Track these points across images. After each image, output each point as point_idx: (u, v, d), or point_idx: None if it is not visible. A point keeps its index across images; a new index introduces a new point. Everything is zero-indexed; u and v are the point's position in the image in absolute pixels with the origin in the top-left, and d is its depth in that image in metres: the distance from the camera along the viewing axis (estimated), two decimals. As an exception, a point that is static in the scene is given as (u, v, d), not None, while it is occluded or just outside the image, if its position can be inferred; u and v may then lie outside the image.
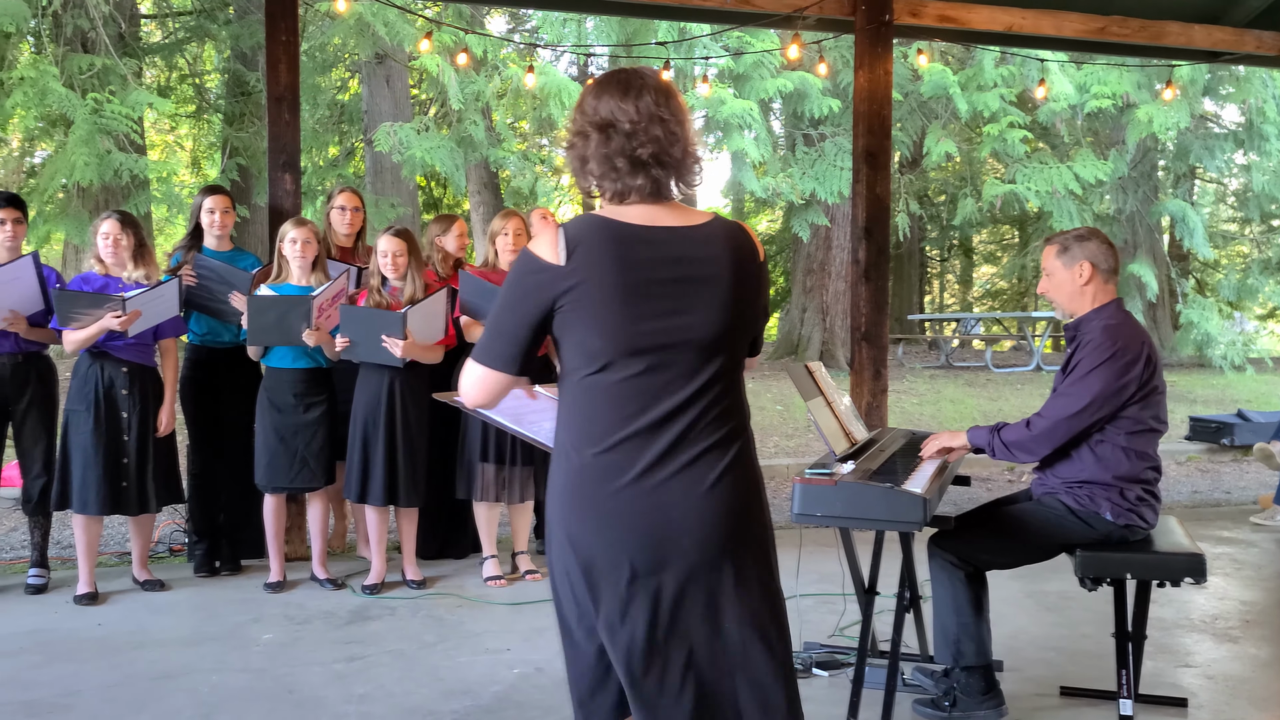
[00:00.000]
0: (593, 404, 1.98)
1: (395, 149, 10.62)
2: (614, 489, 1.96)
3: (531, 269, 1.97)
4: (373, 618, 4.51)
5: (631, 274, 1.95)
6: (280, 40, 5.55)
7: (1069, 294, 3.44)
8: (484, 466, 4.94)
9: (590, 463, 1.97)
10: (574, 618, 2.07)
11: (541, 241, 1.99)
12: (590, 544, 1.97)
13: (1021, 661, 3.94)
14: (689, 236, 2.02)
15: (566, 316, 1.96)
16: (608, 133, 2.00)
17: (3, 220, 4.73)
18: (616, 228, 1.98)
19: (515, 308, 2.00)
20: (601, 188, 2.03)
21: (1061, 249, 3.44)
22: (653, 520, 1.95)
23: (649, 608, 1.97)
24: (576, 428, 2.00)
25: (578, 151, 2.04)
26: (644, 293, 1.95)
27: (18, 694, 3.61)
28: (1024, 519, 3.40)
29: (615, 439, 1.96)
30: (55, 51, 9.34)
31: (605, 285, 1.94)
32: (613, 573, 1.97)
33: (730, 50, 11.50)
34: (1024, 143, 12.62)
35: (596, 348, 1.96)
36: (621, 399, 1.97)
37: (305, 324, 4.65)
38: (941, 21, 6.47)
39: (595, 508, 1.97)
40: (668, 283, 1.97)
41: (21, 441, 4.82)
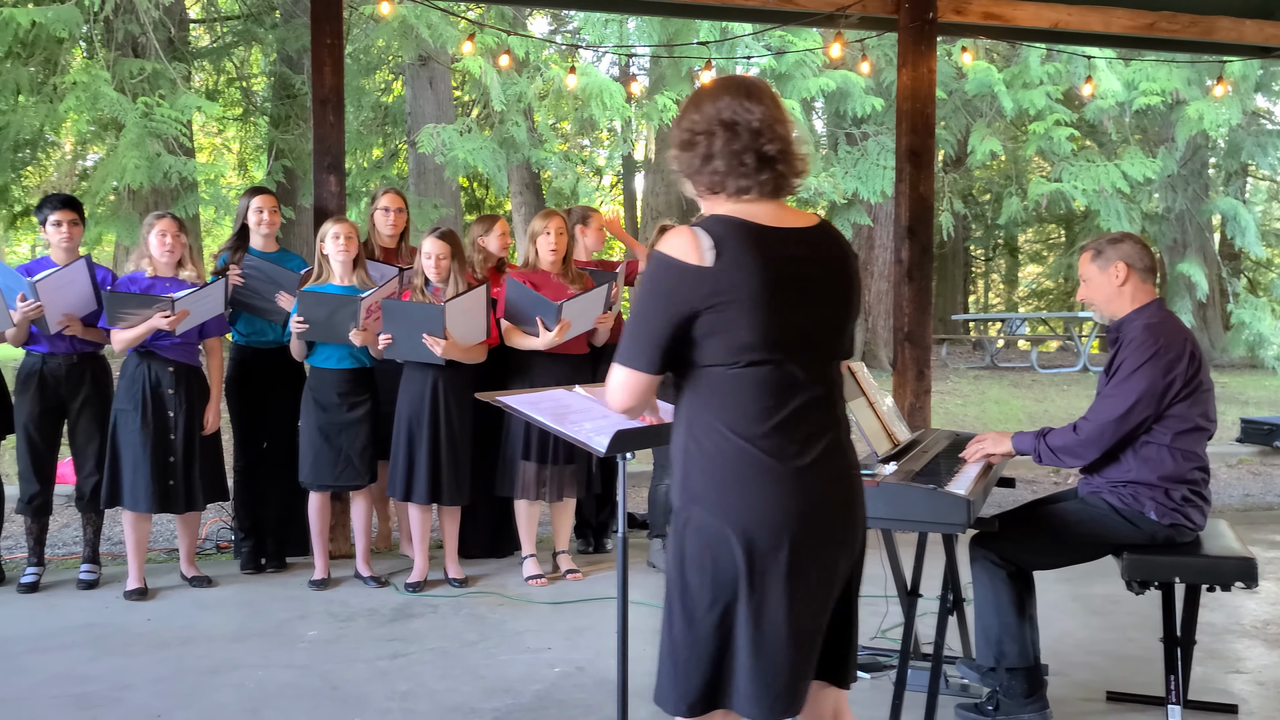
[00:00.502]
0: (742, 393, 2.05)
1: (438, 150, 10.69)
2: (777, 470, 2.04)
3: (676, 270, 2.02)
4: (415, 615, 4.54)
5: (772, 273, 2.03)
6: (325, 43, 5.61)
7: (1107, 296, 3.42)
8: (525, 465, 4.96)
9: (750, 446, 2.04)
10: (705, 594, 2.07)
11: (679, 244, 2.03)
12: (753, 521, 2.03)
13: (1067, 665, 3.90)
14: (807, 238, 2.12)
15: (714, 316, 2.02)
16: (734, 130, 2.07)
17: (59, 222, 4.83)
18: (751, 228, 2.05)
19: (660, 310, 2.04)
20: (724, 184, 2.09)
21: (1095, 253, 3.43)
22: (812, 501, 2.07)
23: (804, 583, 2.06)
24: (726, 414, 2.06)
25: (701, 150, 2.09)
26: (783, 291, 2.04)
27: (71, 687, 3.69)
28: (1067, 518, 3.36)
29: (770, 425, 2.05)
30: (107, 56, 9.51)
31: (752, 284, 2.01)
32: (774, 549, 2.03)
33: (772, 50, 11.46)
34: (1070, 141, 12.45)
35: (745, 343, 2.03)
36: (768, 389, 2.05)
37: (353, 324, 4.70)
38: (986, 19, 6.41)
39: (760, 487, 2.04)
40: (799, 281, 2.07)
41: (76, 440, 4.92)
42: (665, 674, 2.12)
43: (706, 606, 2.07)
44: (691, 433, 2.10)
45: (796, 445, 2.06)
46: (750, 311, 2.01)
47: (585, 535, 5.74)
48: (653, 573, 5.20)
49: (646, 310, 2.06)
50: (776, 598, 2.04)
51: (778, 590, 2.04)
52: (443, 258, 4.85)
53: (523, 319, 4.90)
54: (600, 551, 5.70)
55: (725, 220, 2.06)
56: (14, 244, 20.67)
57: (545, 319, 4.82)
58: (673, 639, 2.11)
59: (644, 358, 2.07)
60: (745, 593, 2.04)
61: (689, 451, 2.10)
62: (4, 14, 8.36)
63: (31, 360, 4.84)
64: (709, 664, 2.08)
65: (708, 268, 2.00)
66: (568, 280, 5.09)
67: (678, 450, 2.13)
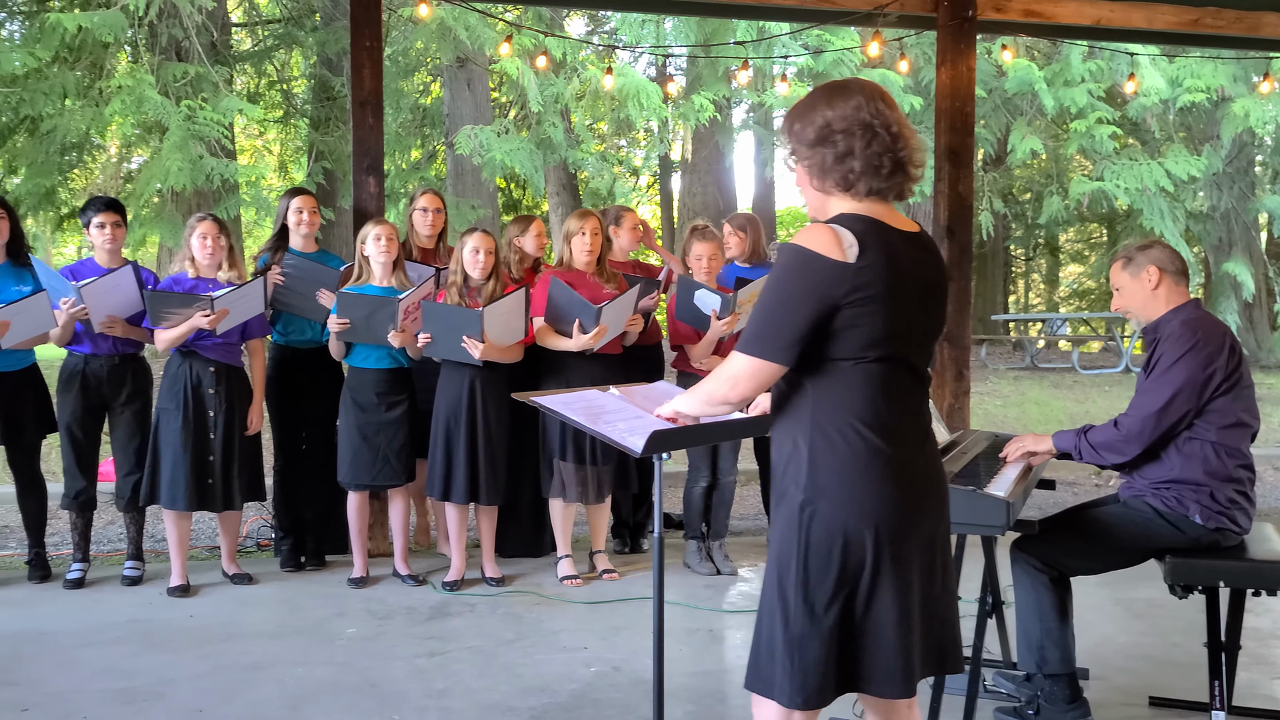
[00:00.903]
0: (870, 387, 2.12)
1: (476, 151, 10.74)
2: (902, 463, 2.13)
3: (819, 266, 2.06)
4: (452, 614, 4.57)
5: (902, 272, 2.12)
6: (364, 46, 5.66)
7: (1142, 301, 3.41)
8: (562, 465, 4.98)
9: (878, 439, 2.11)
10: (828, 586, 2.11)
11: (821, 240, 2.08)
12: (883, 512, 2.10)
13: (1108, 670, 3.85)
14: (918, 242, 2.21)
15: (853, 311, 2.07)
16: (874, 132, 2.13)
17: (103, 224, 4.91)
18: (883, 228, 2.13)
19: (799, 301, 2.08)
20: (856, 184, 2.14)
21: (1126, 261, 3.43)
22: (934, 492, 2.20)
23: (925, 570, 2.17)
24: (855, 408, 2.12)
25: (840, 147, 2.13)
26: (908, 291, 2.13)
27: (116, 682, 3.74)
28: (1110, 522, 3.32)
29: (895, 419, 2.14)
30: (151, 60, 9.64)
31: (889, 283, 2.09)
32: (902, 538, 2.12)
33: (810, 49, 11.41)
34: (1113, 139, 12.29)
35: (877, 339, 2.10)
36: (893, 384, 2.14)
37: (391, 325, 4.73)
38: (1027, 16, 6.35)
39: (888, 480, 2.11)
40: (918, 282, 2.16)
41: (116, 439, 5.00)
42: (779, 667, 2.14)
43: (829, 598, 2.11)
44: (818, 427, 2.13)
45: (916, 439, 2.18)
46: (884, 308, 2.08)
47: (621, 535, 5.74)
48: (687, 573, 5.19)
49: (786, 303, 2.09)
50: (907, 582, 2.12)
51: (907, 575, 2.12)
52: (490, 253, 4.88)
53: (561, 319, 4.92)
54: (636, 551, 5.70)
55: (861, 219, 2.12)
56: (60, 245, 21.02)
57: (584, 321, 4.82)
58: (789, 633, 2.13)
59: (780, 349, 2.11)
60: (871, 581, 2.10)
61: (815, 445, 2.13)
62: (51, 19, 8.51)
63: (74, 360, 4.92)
64: (833, 654, 2.12)
65: (850, 264, 2.06)
66: (603, 280, 5.10)
67: (797, 444, 2.15)
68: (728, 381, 2.19)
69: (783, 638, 2.13)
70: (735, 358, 2.17)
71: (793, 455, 2.16)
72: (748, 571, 5.32)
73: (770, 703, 2.17)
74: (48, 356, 5.43)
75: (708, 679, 3.81)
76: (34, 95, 9.04)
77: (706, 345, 5.06)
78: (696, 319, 5.02)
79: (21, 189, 10.25)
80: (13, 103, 9.03)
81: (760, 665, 2.19)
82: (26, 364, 4.94)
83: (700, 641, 4.25)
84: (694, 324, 5.04)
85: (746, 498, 7.40)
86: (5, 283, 4.81)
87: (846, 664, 2.14)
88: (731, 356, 2.18)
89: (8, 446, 4.99)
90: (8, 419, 4.85)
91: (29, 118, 9.62)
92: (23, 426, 4.91)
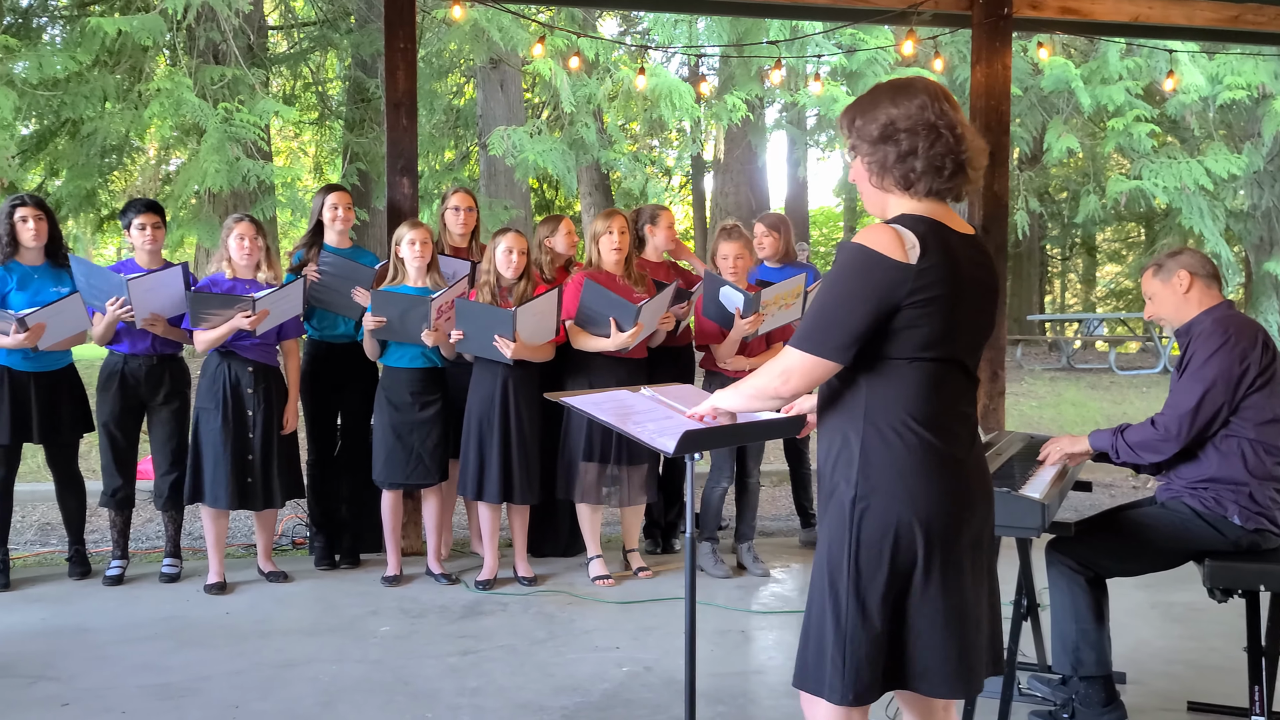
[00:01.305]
0: (925, 385, 2.13)
1: (509, 152, 10.77)
2: (955, 461, 2.14)
3: (882, 266, 2.06)
4: (485, 613, 4.59)
5: (961, 275, 2.12)
6: (398, 48, 5.69)
7: (1174, 306, 3.41)
8: (586, 466, 4.98)
9: (932, 437, 2.12)
10: (880, 582, 2.11)
11: (882, 240, 2.08)
12: (935, 509, 2.11)
13: (1145, 674, 3.81)
14: (975, 245, 2.21)
15: (913, 311, 2.08)
16: (938, 133, 2.12)
17: (143, 225, 4.97)
18: (945, 230, 2.14)
19: (860, 301, 2.08)
20: (916, 183, 2.14)
21: (1156, 269, 3.44)
22: (981, 489, 2.21)
23: (977, 564, 2.19)
24: (910, 406, 2.13)
25: (903, 146, 2.13)
26: (966, 293, 2.14)
27: (153, 677, 3.79)
28: (1147, 523, 3.29)
29: (948, 417, 2.16)
30: (189, 64, 9.75)
31: (950, 284, 2.09)
32: (955, 536, 2.13)
33: (843, 48, 11.36)
34: (1151, 137, 12.14)
35: (934, 339, 2.11)
36: (947, 384, 2.16)
37: (425, 323, 4.76)
38: (1063, 13, 6.29)
39: (941, 477, 2.12)
40: (975, 284, 2.17)
41: (154, 438, 5.06)
42: (830, 665, 2.13)
43: (881, 594, 2.11)
44: (871, 423, 2.14)
45: (966, 439, 2.19)
46: (943, 310, 2.09)
47: (653, 535, 5.74)
48: (702, 575, 5.17)
49: (846, 301, 2.09)
50: (958, 580, 2.12)
51: (958, 573, 2.13)
52: (522, 253, 4.89)
53: (595, 320, 4.92)
54: (668, 552, 5.70)
55: (922, 220, 2.12)
56: (100, 247, 21.31)
57: (621, 320, 4.82)
58: (841, 630, 2.12)
59: (838, 347, 2.10)
60: (924, 578, 2.10)
61: (867, 441, 2.14)
62: (92, 23, 8.62)
63: (113, 360, 4.99)
64: (885, 651, 2.12)
65: (912, 265, 2.06)
66: (631, 281, 5.09)
67: (848, 439, 2.16)
68: (780, 376, 2.19)
69: (833, 635, 2.13)
70: (788, 352, 2.16)
71: (843, 451, 2.17)
72: (780, 573, 5.30)
73: (821, 701, 2.17)
74: (86, 356, 5.52)
75: (740, 680, 3.80)
76: (75, 98, 9.17)
77: (730, 344, 5.04)
78: (722, 316, 5.00)
79: (63, 191, 10.40)
80: (54, 106, 9.17)
81: (810, 663, 2.18)
82: (64, 364, 5.01)
83: (732, 642, 4.24)
84: (719, 321, 5.03)
85: (779, 499, 7.38)
86: (44, 284, 4.88)
87: (896, 661, 2.14)
88: (785, 351, 2.18)
89: (46, 445, 5.07)
90: (45, 418, 4.93)
91: (70, 121, 9.77)
92: (60, 426, 4.98)
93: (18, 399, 4.85)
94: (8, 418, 4.83)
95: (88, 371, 5.18)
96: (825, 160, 21.15)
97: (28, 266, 4.90)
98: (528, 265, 4.96)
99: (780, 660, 4.06)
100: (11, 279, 4.85)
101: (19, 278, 4.86)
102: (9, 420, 4.83)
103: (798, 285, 5.11)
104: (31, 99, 8.86)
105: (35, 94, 8.84)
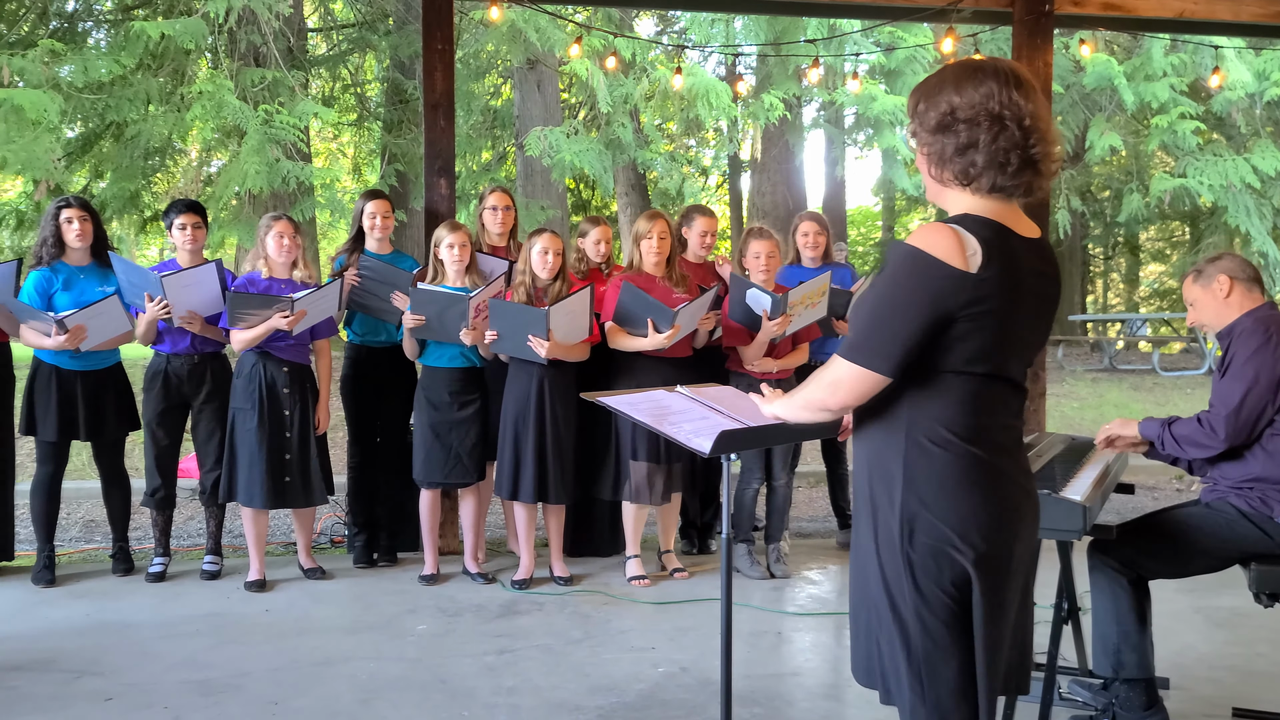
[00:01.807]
0: (975, 399, 2.01)
1: (545, 153, 10.80)
2: (1003, 475, 2.03)
3: (938, 274, 1.92)
4: (521, 612, 4.60)
5: (1021, 287, 1.98)
6: (436, 49, 5.72)
7: (1216, 311, 3.39)
8: (634, 465, 4.98)
9: (980, 451, 2.00)
10: (940, 599, 2.00)
11: (942, 244, 1.93)
12: (986, 524, 2.00)
13: (1189, 680, 3.75)
14: (1040, 250, 2.06)
15: (968, 324, 1.94)
16: (1002, 124, 1.94)
17: (184, 225, 5.03)
18: (1009, 235, 1.99)
19: (912, 311, 1.94)
20: (978, 179, 1.98)
21: (1196, 274, 3.42)
22: (1030, 502, 2.10)
23: (1025, 578, 2.12)
24: (956, 419, 2.01)
25: (963, 138, 1.97)
26: (1026, 305, 2.01)
27: (194, 673, 3.84)
28: (1191, 524, 3.25)
29: (997, 431, 2.04)
30: (230, 66, 9.85)
31: (1009, 297, 1.96)
32: (1005, 551, 2.02)
33: (881, 46, 11.28)
34: (1196, 134, 11.96)
35: (985, 353, 1.98)
36: (997, 397, 2.03)
37: (463, 322, 4.77)
38: (1106, 9, 6.20)
39: (990, 492, 2.01)
40: (1035, 295, 2.04)
41: (198, 436, 5.12)
42: (909, 693, 2.03)
43: (943, 611, 2.01)
44: (914, 438, 2.02)
45: (1011, 449, 2.07)
46: (999, 324, 1.96)
47: (689, 536, 5.73)
48: (737, 576, 5.15)
49: (899, 309, 1.95)
50: (1002, 595, 2.03)
51: (1003, 589, 2.03)
52: (557, 254, 4.90)
53: (633, 322, 4.92)
54: (704, 553, 5.69)
55: (986, 224, 1.97)
56: (144, 248, 21.60)
57: (659, 323, 4.82)
58: (914, 657, 2.02)
59: (887, 358, 1.96)
60: (978, 594, 1.99)
61: (910, 456, 2.02)
62: (136, 28, 8.74)
63: (157, 360, 5.05)
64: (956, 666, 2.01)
65: (972, 274, 1.91)
66: (671, 283, 5.08)
67: (889, 455, 2.05)
68: (828, 387, 2.06)
69: (906, 664, 2.03)
70: (837, 363, 2.04)
71: (881, 465, 2.06)
72: (816, 574, 5.27)
73: None
74: (132, 356, 5.59)
75: (775, 682, 3.79)
76: (119, 101, 9.30)
77: (758, 347, 5.01)
78: (749, 318, 4.98)
79: (107, 193, 10.55)
80: (99, 109, 9.30)
81: (892, 687, 2.08)
82: (111, 363, 5.09)
83: (768, 644, 4.22)
84: (746, 323, 5.00)
85: (815, 500, 7.34)
86: (90, 284, 4.95)
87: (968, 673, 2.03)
88: (834, 361, 2.05)
89: (92, 443, 5.15)
90: (91, 416, 5.00)
91: (114, 123, 9.90)
92: (105, 424, 5.06)
93: (65, 397, 4.93)
94: (55, 416, 4.92)
95: (133, 371, 5.26)
96: (863, 159, 21.03)
97: (74, 267, 4.99)
98: (563, 266, 4.97)
99: (816, 663, 4.04)
100: (58, 280, 4.93)
101: (65, 278, 4.94)
102: (56, 418, 4.92)
103: (823, 284, 5.08)
104: (77, 102, 8.99)
105: (81, 97, 8.97)
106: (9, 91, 7.82)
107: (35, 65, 8.17)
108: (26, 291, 4.88)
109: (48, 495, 5.03)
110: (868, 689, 2.16)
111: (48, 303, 4.87)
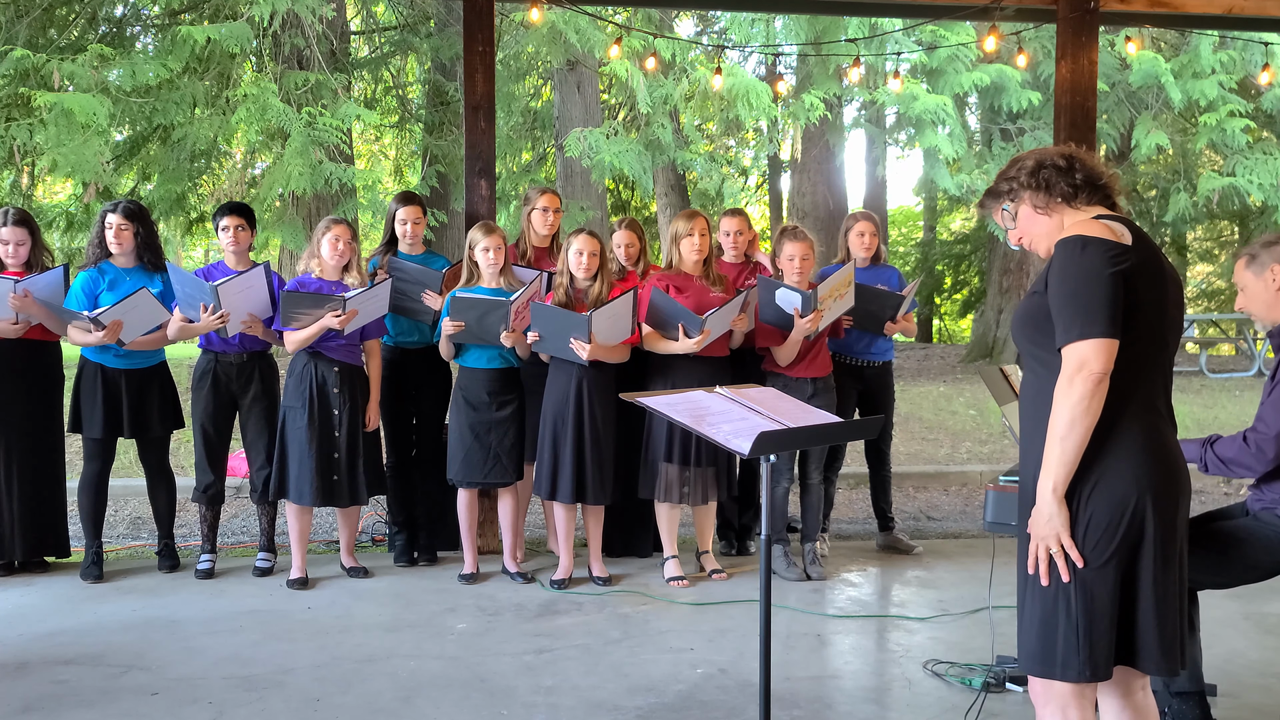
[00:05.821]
0: (1145, 367, 2.30)
1: (585, 154, 10.81)
2: (1170, 439, 2.33)
3: (1114, 251, 2.25)
4: (560, 612, 4.61)
5: (1163, 263, 2.34)
6: (477, 51, 5.75)
7: (1266, 303, 3.26)
8: (667, 467, 4.97)
9: (1151, 416, 2.31)
10: (1105, 557, 2.23)
11: (1094, 228, 2.28)
12: (1160, 485, 2.25)
13: (1238, 687, 3.68)
14: None
15: (1134, 295, 2.25)
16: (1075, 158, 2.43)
17: (229, 227, 5.10)
18: (1136, 226, 2.37)
19: (1104, 276, 2.22)
20: (1080, 194, 2.40)
21: (1250, 259, 3.28)
22: (1187, 475, 2.36)
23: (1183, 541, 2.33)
24: (1123, 389, 2.25)
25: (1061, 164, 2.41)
26: (1168, 281, 2.36)
27: (239, 669, 3.88)
28: (1239, 536, 3.18)
29: (1162, 397, 2.35)
30: (274, 69, 9.96)
31: (1158, 269, 2.32)
32: (1174, 511, 2.28)
33: (923, 45, 11.19)
34: (1245, 132, 11.74)
35: (1149, 321, 2.28)
36: (1155, 370, 2.33)
37: (503, 325, 4.80)
38: (1152, 6, 6.11)
39: (1162, 455, 2.28)
40: (1171, 280, 2.38)
41: (247, 434, 5.19)
42: (1064, 645, 2.24)
43: (1112, 571, 2.23)
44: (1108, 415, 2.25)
45: (1171, 422, 2.36)
46: (1155, 291, 2.29)
47: (728, 537, 5.72)
48: (777, 579, 5.12)
49: (1090, 280, 2.22)
50: (1174, 556, 2.27)
51: (1174, 549, 2.27)
52: (594, 254, 4.91)
53: (665, 325, 4.93)
54: (743, 554, 5.67)
55: (1115, 217, 2.35)
56: (190, 249, 21.91)
57: (688, 328, 4.83)
58: (1072, 610, 2.23)
59: (1108, 322, 2.20)
60: (1150, 553, 2.23)
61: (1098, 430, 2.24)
62: (182, 32, 8.85)
63: (206, 359, 5.12)
64: (1114, 624, 2.24)
65: (1130, 245, 2.27)
66: (709, 282, 5.07)
67: None
68: (1080, 367, 2.20)
69: (1064, 615, 2.23)
70: (1068, 353, 2.21)
71: None
72: (856, 576, 5.24)
73: (1054, 683, 2.26)
74: (176, 355, 5.67)
75: (814, 684, 3.77)
76: (166, 105, 9.42)
77: (792, 346, 4.97)
78: (780, 319, 4.95)
79: (154, 195, 10.70)
80: (146, 112, 9.43)
81: (1040, 649, 2.27)
82: (155, 361, 5.17)
83: (807, 646, 4.20)
84: (777, 324, 4.98)
85: (856, 501, 7.29)
86: (134, 285, 4.94)
87: (1125, 637, 2.25)
88: (1064, 354, 2.23)
89: (137, 440, 5.23)
90: (136, 414, 5.08)
91: (161, 126, 10.04)
92: (150, 421, 5.14)
93: (110, 395, 5.02)
94: (100, 413, 5.01)
95: (178, 370, 5.33)
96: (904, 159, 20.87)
97: (120, 269, 5.08)
98: (601, 266, 4.97)
99: (857, 665, 4.02)
100: (104, 280, 5.03)
101: (110, 279, 5.03)
102: (102, 416, 5.01)
103: (848, 273, 5.06)
104: (125, 106, 9.12)
105: (129, 101, 9.10)
106: (59, 96, 7.95)
107: (84, 70, 8.29)
108: (74, 291, 4.98)
109: (95, 492, 5.12)
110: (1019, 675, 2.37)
111: (94, 302, 4.95)
